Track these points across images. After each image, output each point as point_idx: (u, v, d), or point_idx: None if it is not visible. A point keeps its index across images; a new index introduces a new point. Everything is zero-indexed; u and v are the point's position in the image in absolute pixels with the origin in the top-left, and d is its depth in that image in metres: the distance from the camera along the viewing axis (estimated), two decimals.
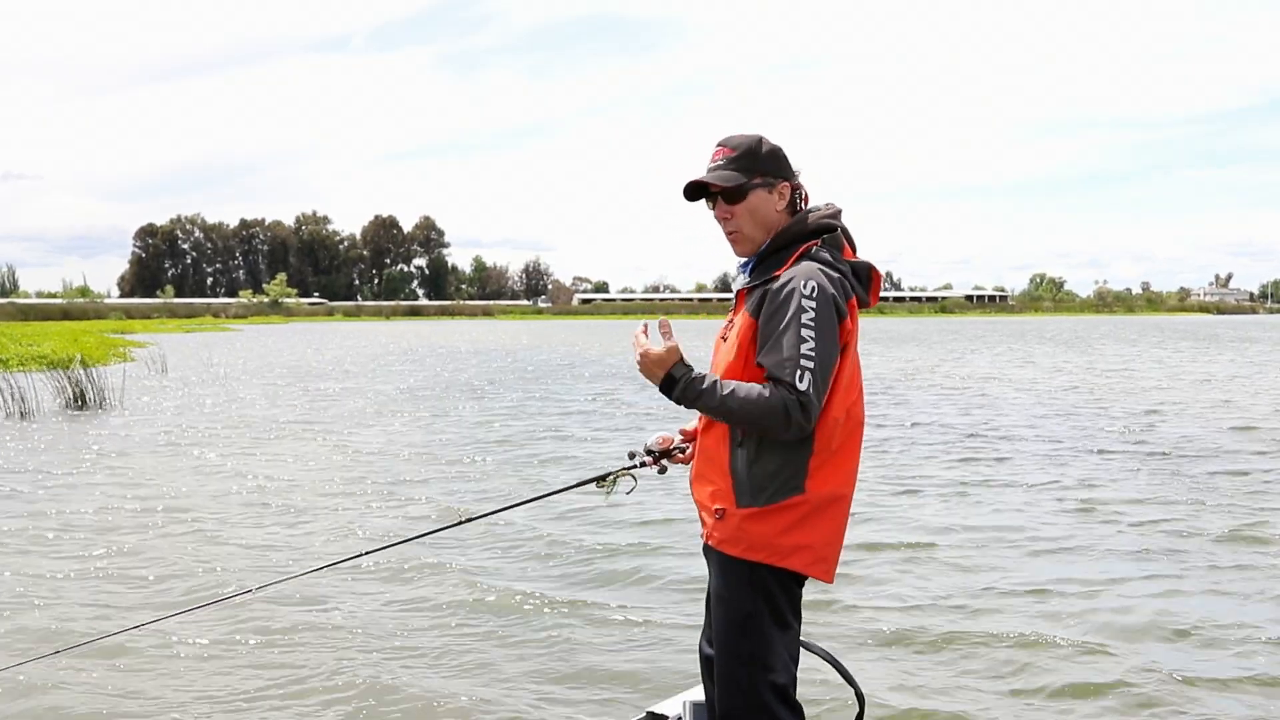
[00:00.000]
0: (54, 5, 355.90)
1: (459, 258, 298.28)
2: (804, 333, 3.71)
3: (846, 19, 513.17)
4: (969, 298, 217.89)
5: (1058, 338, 71.29)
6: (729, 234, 4.05)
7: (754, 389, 3.74)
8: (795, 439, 3.78)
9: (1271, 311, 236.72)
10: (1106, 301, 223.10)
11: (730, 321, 4.09)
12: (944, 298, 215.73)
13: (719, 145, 4.05)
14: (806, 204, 4.09)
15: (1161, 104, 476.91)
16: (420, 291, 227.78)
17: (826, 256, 3.94)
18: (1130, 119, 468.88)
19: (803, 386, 3.68)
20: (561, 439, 18.13)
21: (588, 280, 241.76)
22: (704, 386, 3.80)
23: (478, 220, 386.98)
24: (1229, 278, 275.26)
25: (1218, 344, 59.45)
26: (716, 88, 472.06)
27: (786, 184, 4.02)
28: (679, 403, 3.86)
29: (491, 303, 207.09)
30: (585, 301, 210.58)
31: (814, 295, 3.75)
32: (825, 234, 3.99)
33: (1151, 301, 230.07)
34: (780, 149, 4.05)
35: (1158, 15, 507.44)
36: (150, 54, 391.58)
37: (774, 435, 3.77)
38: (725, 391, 3.76)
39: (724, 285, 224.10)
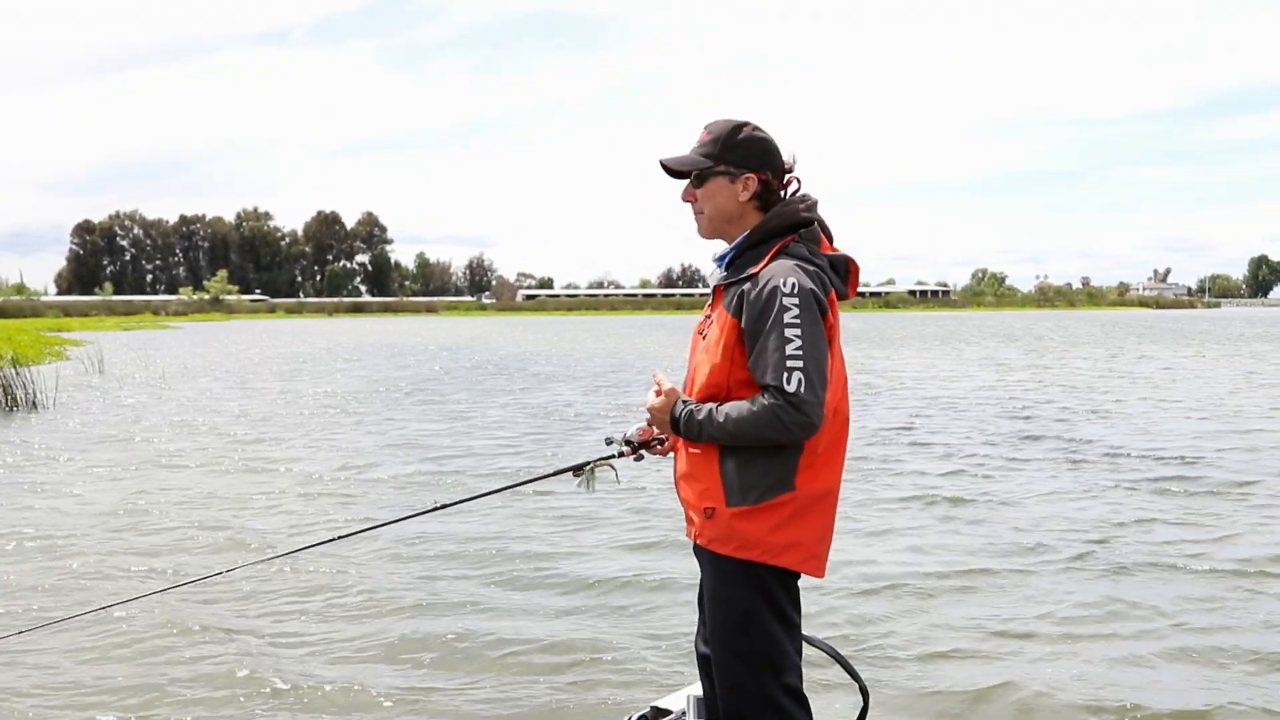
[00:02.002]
0: None
1: (402, 254, 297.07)
2: (788, 333, 3.68)
3: (790, 19, 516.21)
4: (912, 293, 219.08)
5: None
6: (695, 215, 4.08)
7: (744, 405, 3.75)
8: (803, 441, 3.76)
9: (1209, 305, 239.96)
10: (1048, 296, 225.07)
11: (708, 317, 4.06)
12: (887, 293, 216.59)
13: (703, 128, 4.05)
14: (792, 197, 4.02)
15: (1100, 104, 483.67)
16: (363, 288, 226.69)
17: (803, 251, 3.90)
18: (1069, 119, 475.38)
19: (791, 388, 3.65)
20: (512, 443, 17.88)
21: (532, 276, 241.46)
22: (701, 417, 3.83)
23: (421, 217, 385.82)
24: (1167, 272, 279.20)
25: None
26: (661, 86, 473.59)
27: (753, 176, 3.95)
28: (687, 439, 3.91)
29: (435, 299, 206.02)
30: (529, 298, 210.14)
31: (795, 292, 3.72)
32: (802, 228, 3.95)
33: (1092, 296, 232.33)
34: (759, 140, 4.00)
35: (1097, 17, 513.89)
36: (87, 47, 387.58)
37: (781, 443, 3.75)
38: (721, 417, 3.78)
39: (668, 280, 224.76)
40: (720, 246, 4.11)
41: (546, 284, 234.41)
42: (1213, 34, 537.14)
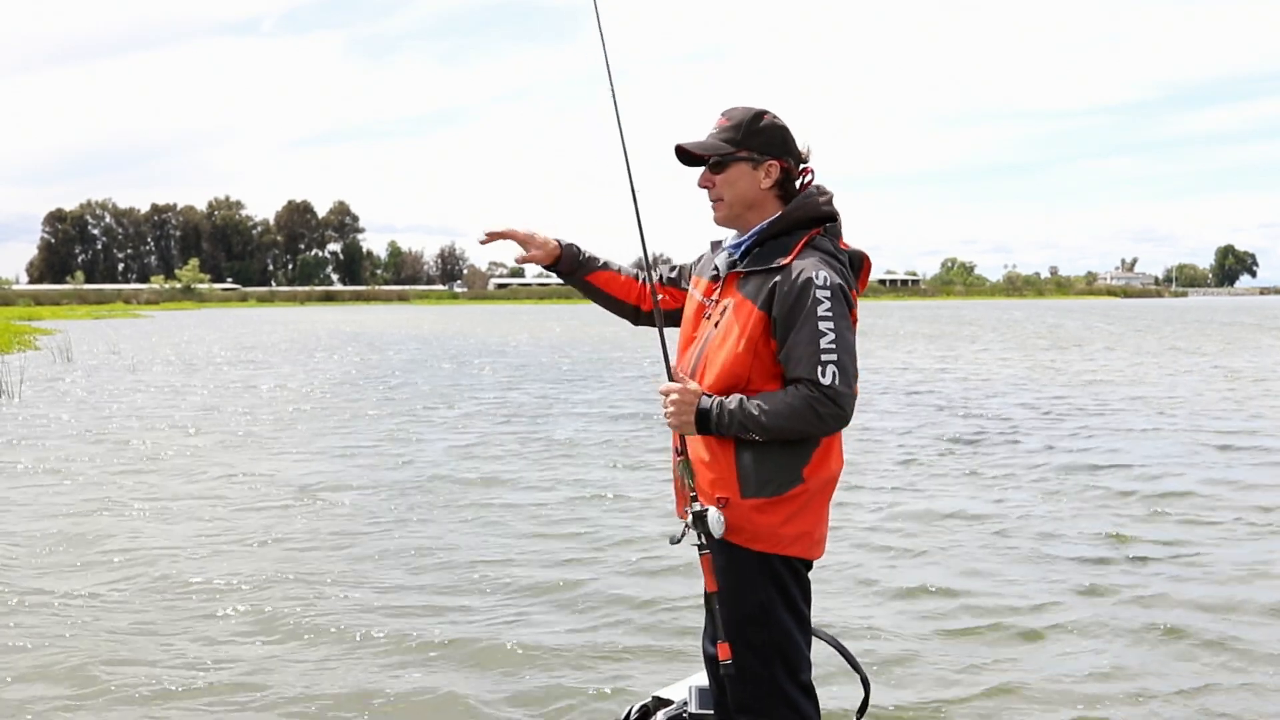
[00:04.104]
0: None
1: (374, 243, 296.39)
2: (822, 325, 3.71)
3: (755, 9, 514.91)
4: (883, 282, 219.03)
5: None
6: (711, 202, 4.07)
7: (778, 397, 3.75)
8: (838, 430, 3.83)
9: (1176, 295, 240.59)
10: (1017, 285, 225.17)
11: (715, 300, 4.05)
12: None
13: (721, 114, 4.05)
14: (807, 186, 4.06)
15: (1063, 96, 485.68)
16: (335, 277, 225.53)
17: (829, 246, 3.94)
18: (1032, 110, 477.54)
19: (826, 380, 3.68)
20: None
21: (503, 265, 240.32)
22: (733, 408, 3.79)
23: (392, 205, 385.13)
24: (1134, 262, 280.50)
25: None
26: (628, 75, 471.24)
27: (775, 163, 3.98)
28: (716, 433, 3.85)
29: (407, 288, 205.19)
30: (501, 286, 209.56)
31: (827, 285, 3.75)
32: (827, 222, 4.00)
33: (1061, 285, 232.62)
34: (780, 128, 4.02)
35: (1061, 9, 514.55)
36: (57, 35, 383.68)
37: (815, 435, 3.82)
38: (754, 409, 3.75)
39: (638, 268, 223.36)
40: (726, 233, 4.14)
41: (518, 273, 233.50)
42: (1175, 28, 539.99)
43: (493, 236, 4.37)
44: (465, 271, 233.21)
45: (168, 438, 17.03)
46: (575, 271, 4.48)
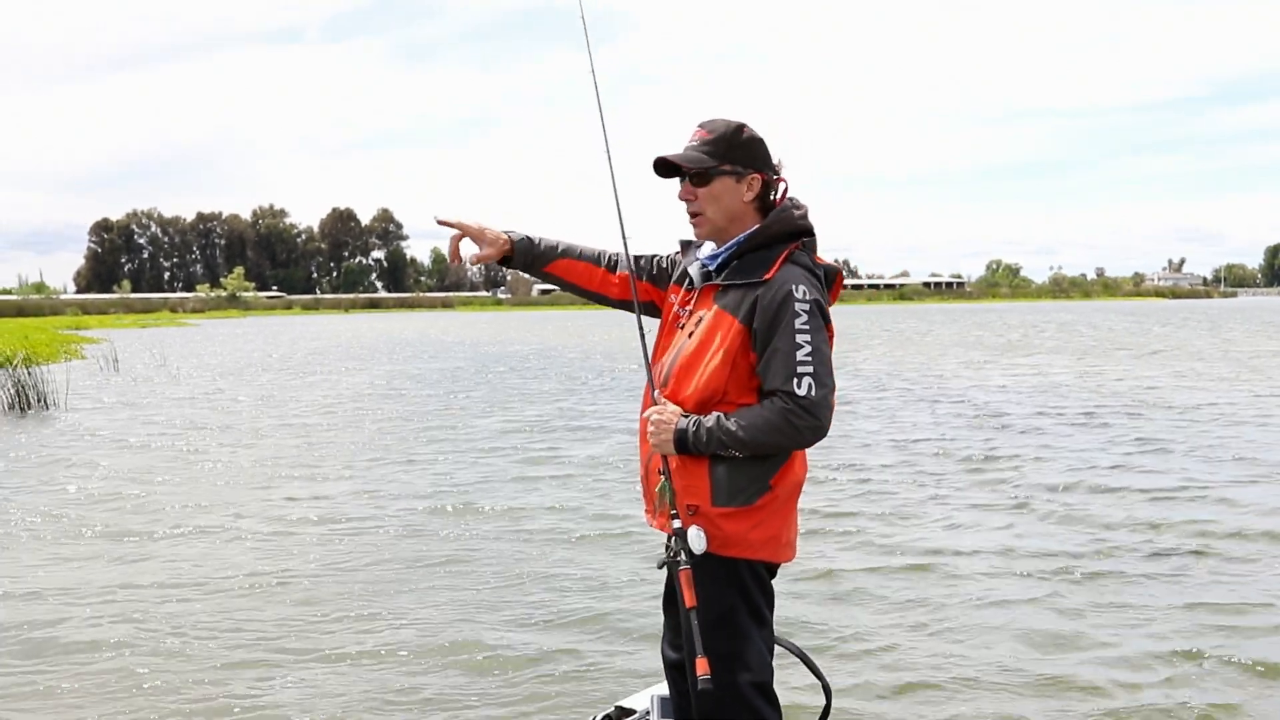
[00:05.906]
0: None
1: (417, 249, 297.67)
2: (798, 338, 3.74)
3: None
4: (927, 285, 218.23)
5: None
6: (690, 215, 4.07)
7: (755, 411, 3.79)
8: (816, 443, 3.84)
9: (1225, 295, 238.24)
10: (1063, 287, 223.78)
11: (690, 311, 4.08)
12: (902, 285, 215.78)
13: (699, 126, 4.04)
14: (783, 198, 4.07)
15: (1104, 93, 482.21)
16: (379, 284, 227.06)
17: (807, 261, 3.96)
18: (1073, 108, 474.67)
19: (801, 392, 3.71)
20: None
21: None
22: (710, 425, 3.83)
23: (435, 211, 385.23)
24: (1182, 262, 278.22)
25: None
26: (667, 77, 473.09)
27: (757, 176, 3.99)
28: (695, 452, 3.88)
29: (451, 294, 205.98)
30: (544, 292, 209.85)
31: (806, 299, 3.79)
32: (804, 236, 4.01)
33: (1108, 287, 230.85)
34: (760, 140, 4.02)
35: (1101, 5, 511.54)
36: (102, 45, 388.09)
37: (793, 447, 3.86)
38: (732, 425, 3.79)
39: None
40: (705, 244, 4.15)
41: None
42: (1221, 22, 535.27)
43: (444, 224, 4.40)
44: (509, 278, 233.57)
45: (211, 451, 16.81)
46: (531, 265, 4.49)
